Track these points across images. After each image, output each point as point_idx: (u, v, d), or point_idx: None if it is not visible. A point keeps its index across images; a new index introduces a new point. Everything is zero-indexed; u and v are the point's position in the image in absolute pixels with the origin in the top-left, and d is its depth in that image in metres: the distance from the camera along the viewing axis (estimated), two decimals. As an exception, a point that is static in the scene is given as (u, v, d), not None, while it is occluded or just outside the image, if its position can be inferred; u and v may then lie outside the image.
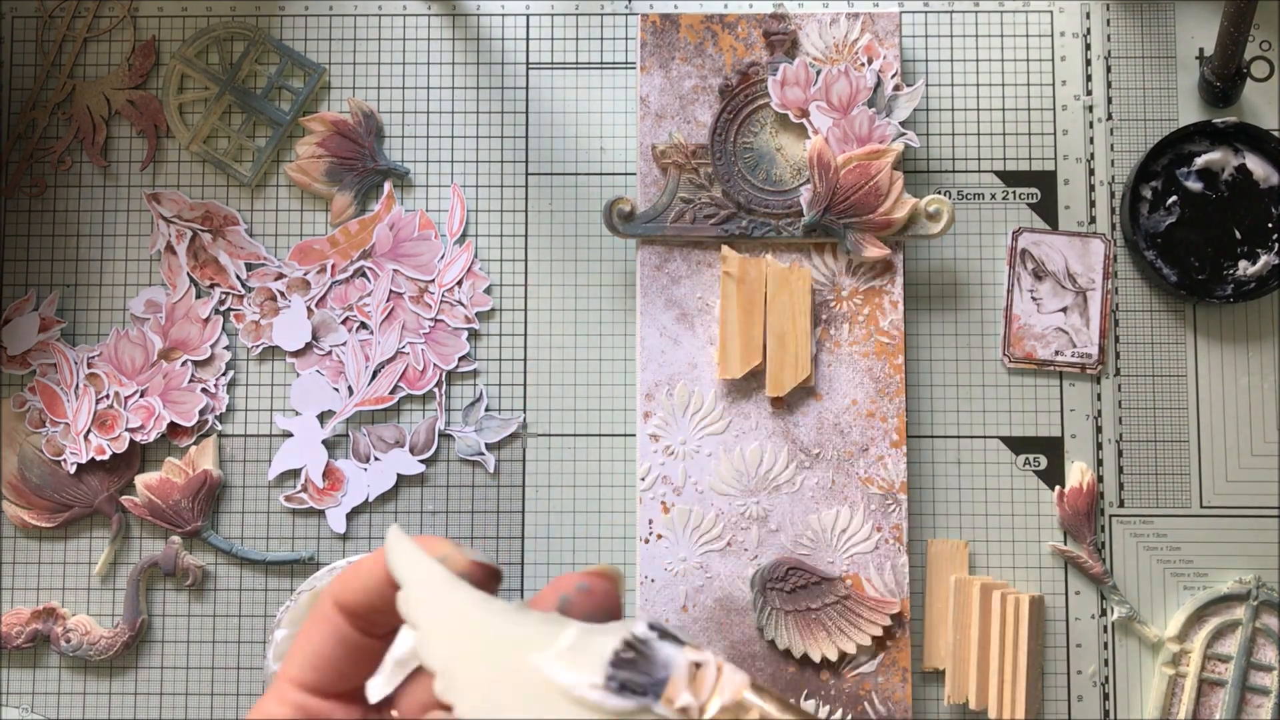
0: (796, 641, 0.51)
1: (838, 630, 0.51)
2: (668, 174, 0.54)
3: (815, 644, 0.51)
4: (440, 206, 0.57)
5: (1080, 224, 0.56)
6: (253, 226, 0.57)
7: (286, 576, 0.56)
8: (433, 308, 0.56)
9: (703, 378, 0.53)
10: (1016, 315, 0.56)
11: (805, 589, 0.51)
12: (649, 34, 0.55)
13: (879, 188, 0.52)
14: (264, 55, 0.58)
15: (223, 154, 0.58)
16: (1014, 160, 0.57)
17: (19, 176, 0.58)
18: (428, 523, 0.56)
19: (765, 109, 0.54)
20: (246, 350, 0.57)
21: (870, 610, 0.51)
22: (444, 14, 0.58)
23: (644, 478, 0.53)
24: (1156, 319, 0.56)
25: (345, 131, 0.57)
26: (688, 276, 0.54)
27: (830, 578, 0.51)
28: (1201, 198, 0.56)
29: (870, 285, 0.53)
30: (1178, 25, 0.58)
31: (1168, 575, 0.55)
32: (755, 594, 0.52)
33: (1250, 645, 0.54)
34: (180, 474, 0.55)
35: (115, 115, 0.58)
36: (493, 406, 0.56)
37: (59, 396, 0.56)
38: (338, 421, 0.56)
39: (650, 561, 0.53)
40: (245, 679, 0.56)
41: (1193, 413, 0.56)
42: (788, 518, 0.53)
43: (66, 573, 0.56)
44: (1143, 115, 0.57)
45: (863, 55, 0.54)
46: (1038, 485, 0.56)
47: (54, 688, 0.56)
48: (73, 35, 0.58)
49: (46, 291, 0.57)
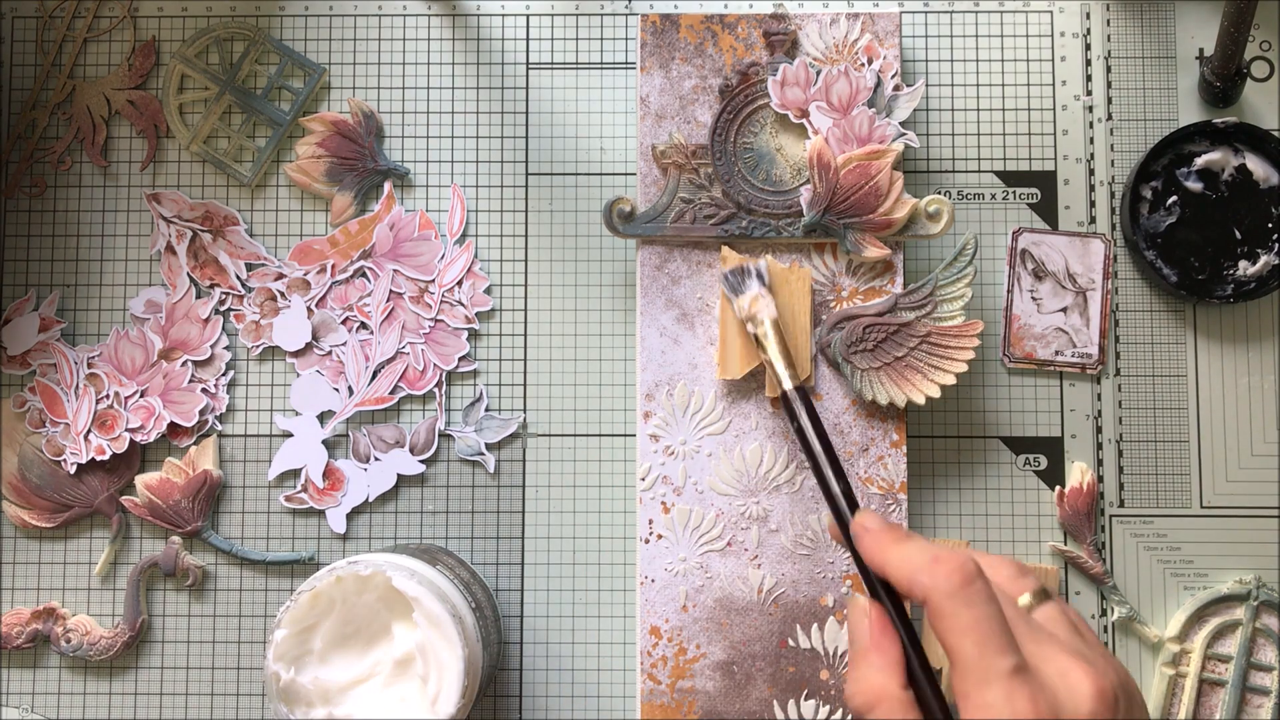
0: (897, 393, 0.52)
1: (930, 368, 0.52)
2: (668, 174, 0.54)
3: (914, 388, 0.52)
4: (440, 206, 0.57)
5: (1080, 224, 0.57)
6: (253, 226, 0.57)
7: (286, 576, 0.56)
8: (433, 308, 0.56)
9: (703, 378, 0.53)
10: (1016, 315, 0.56)
11: (887, 341, 0.52)
12: (649, 34, 0.55)
13: (879, 188, 0.52)
14: (264, 55, 0.58)
15: (223, 154, 0.58)
16: (1014, 160, 0.57)
17: (19, 176, 0.58)
18: (428, 523, 0.56)
19: (765, 109, 0.54)
20: (246, 350, 0.57)
21: (954, 339, 0.52)
22: (444, 14, 0.58)
23: (644, 478, 0.53)
24: (1156, 319, 0.56)
25: (345, 131, 0.57)
26: (688, 276, 0.54)
27: (905, 322, 0.52)
28: (1201, 198, 0.56)
29: (870, 285, 0.53)
30: (1178, 25, 0.58)
31: (1168, 575, 0.55)
32: (843, 362, 0.52)
33: (1250, 645, 0.54)
34: (180, 474, 0.55)
35: (115, 115, 0.58)
36: (493, 406, 0.56)
37: (59, 396, 0.56)
38: (338, 421, 0.56)
39: (650, 561, 0.53)
40: (245, 679, 0.56)
41: (1193, 413, 0.56)
42: (788, 518, 0.53)
43: (66, 573, 0.56)
44: (1143, 115, 0.57)
45: (863, 55, 0.54)
46: (1038, 485, 0.56)
47: (54, 688, 0.56)
48: (73, 35, 0.58)
49: (46, 291, 0.57)
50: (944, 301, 0.53)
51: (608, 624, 0.55)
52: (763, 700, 0.52)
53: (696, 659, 0.52)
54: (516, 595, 0.55)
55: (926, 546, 0.37)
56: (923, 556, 0.37)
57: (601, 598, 0.55)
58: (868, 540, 0.40)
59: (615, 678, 0.55)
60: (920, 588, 0.36)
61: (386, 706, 0.46)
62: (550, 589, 0.55)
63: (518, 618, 0.55)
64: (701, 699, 0.52)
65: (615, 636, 0.55)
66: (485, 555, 0.56)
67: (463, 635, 0.46)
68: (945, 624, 0.35)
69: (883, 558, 0.39)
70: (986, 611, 0.35)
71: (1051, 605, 0.38)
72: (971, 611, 0.35)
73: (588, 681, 0.55)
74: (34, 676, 0.56)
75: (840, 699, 0.52)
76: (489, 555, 0.56)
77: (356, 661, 0.47)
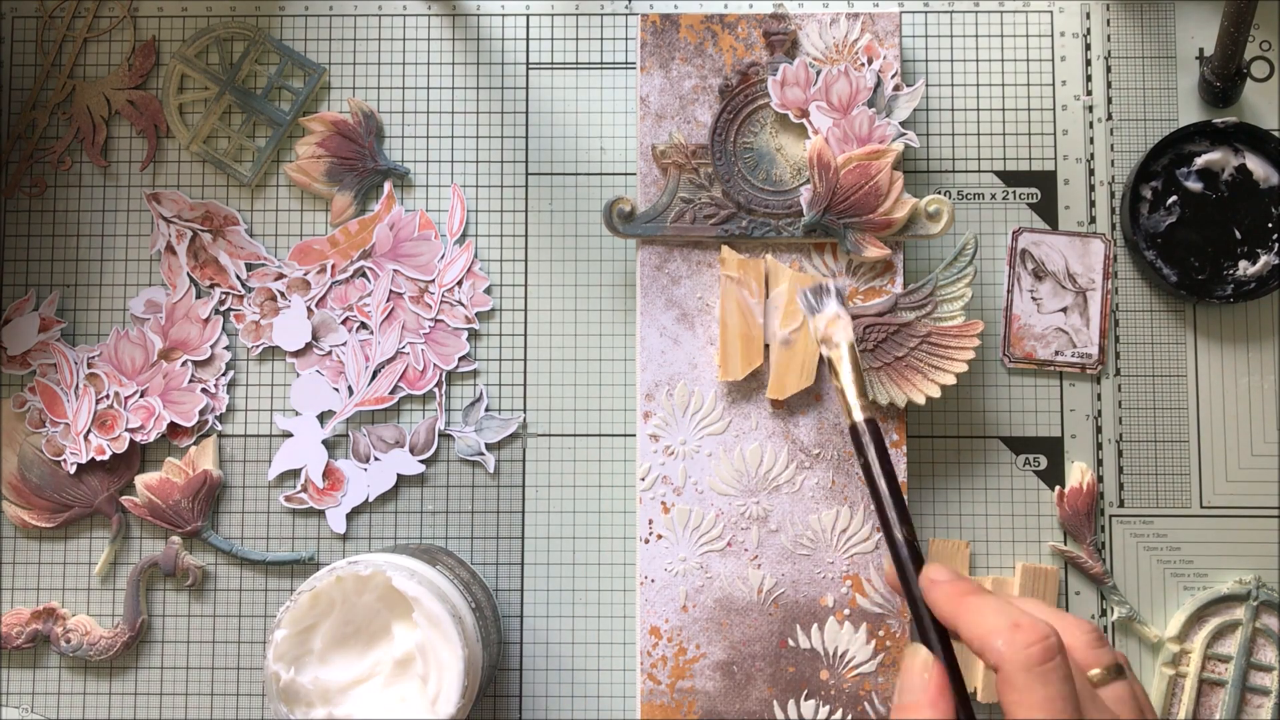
0: (897, 393, 0.52)
1: (930, 368, 0.52)
2: (668, 174, 0.54)
3: (914, 388, 0.52)
4: (440, 206, 0.57)
5: (1080, 224, 0.57)
6: (253, 226, 0.57)
7: (286, 576, 0.56)
8: (433, 308, 0.56)
9: (703, 378, 0.53)
10: (1016, 315, 0.56)
11: (887, 341, 0.52)
12: (649, 34, 0.55)
13: (879, 188, 0.52)
14: (264, 55, 0.58)
15: (223, 154, 0.58)
16: (1014, 160, 0.57)
17: (19, 176, 0.58)
18: (428, 523, 0.56)
19: (765, 109, 0.54)
20: (246, 350, 0.57)
21: (954, 339, 0.52)
22: (444, 14, 0.58)
23: (644, 478, 0.53)
24: (1156, 319, 0.56)
25: (345, 131, 0.57)
26: (688, 276, 0.54)
27: (905, 322, 0.52)
28: (1201, 198, 0.56)
29: (870, 285, 0.53)
30: (1178, 25, 0.58)
31: (1168, 575, 0.55)
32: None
33: (1250, 645, 0.54)
34: (180, 474, 0.55)
35: (115, 115, 0.58)
36: (493, 406, 0.56)
37: (59, 396, 0.56)
38: (338, 422, 0.56)
39: (650, 561, 0.53)
40: (245, 679, 0.56)
41: (1193, 413, 0.56)
42: (788, 518, 0.53)
43: (66, 573, 0.56)
44: (1143, 115, 0.57)
45: (863, 55, 0.54)
46: (1038, 485, 0.56)
47: (54, 688, 0.56)
48: (73, 35, 0.58)
49: (46, 291, 0.57)
50: (944, 301, 0.53)
51: (608, 624, 0.55)
52: (763, 700, 0.52)
53: (696, 659, 0.52)
54: (516, 595, 0.55)
55: (1005, 608, 0.36)
56: (1001, 620, 0.35)
57: (601, 598, 0.55)
58: (938, 593, 0.38)
59: (615, 678, 0.55)
60: (995, 654, 0.35)
61: (386, 706, 0.46)
62: (550, 589, 0.55)
63: (518, 618, 0.55)
64: (701, 699, 0.52)
65: (615, 636, 0.55)
66: (485, 555, 0.56)
67: (463, 635, 0.46)
68: (1015, 697, 0.34)
69: (954, 613, 0.37)
70: (1061, 691, 0.34)
71: (1123, 685, 0.37)
72: (1046, 691, 0.33)
73: (588, 681, 0.55)
74: (34, 676, 0.56)
75: (840, 699, 0.52)
76: (489, 555, 0.56)
77: (356, 661, 0.47)
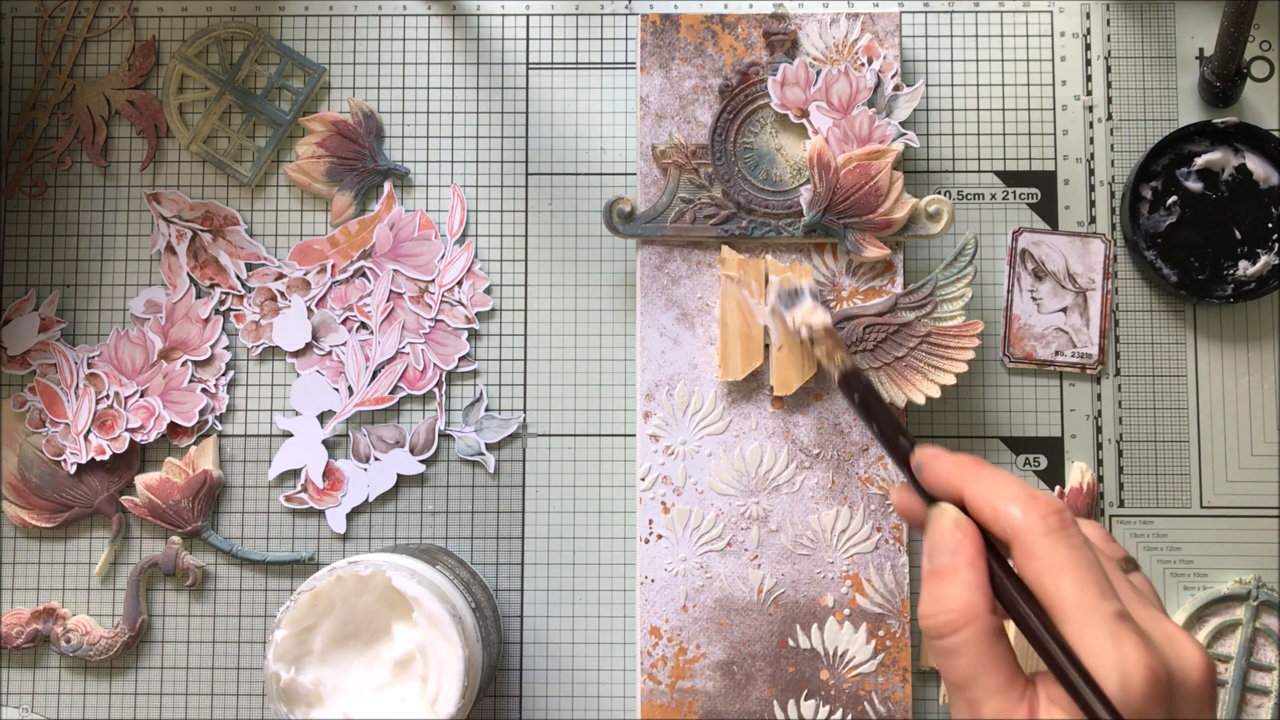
0: (897, 393, 0.52)
1: (930, 368, 0.52)
2: (668, 174, 0.54)
3: (914, 388, 0.52)
4: (440, 206, 0.57)
5: (1080, 224, 0.56)
6: (253, 226, 0.57)
7: (286, 576, 0.56)
8: (433, 308, 0.56)
9: (703, 378, 0.53)
10: (1016, 315, 0.56)
11: (887, 341, 0.52)
12: (649, 34, 0.55)
13: (879, 188, 0.52)
14: (264, 55, 0.58)
15: (223, 154, 0.58)
16: (1014, 160, 0.57)
17: (19, 176, 0.58)
18: (428, 523, 0.56)
19: (765, 109, 0.54)
20: (246, 350, 0.57)
21: (954, 339, 0.52)
22: (444, 14, 0.58)
23: (644, 478, 0.53)
24: (1156, 319, 0.56)
25: (345, 131, 0.57)
26: (688, 276, 0.54)
27: (905, 322, 0.52)
28: (1201, 198, 0.56)
29: (870, 285, 0.53)
30: (1178, 25, 0.58)
31: (1168, 575, 0.55)
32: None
33: (1250, 645, 0.54)
34: (180, 474, 0.55)
35: (115, 115, 0.58)
36: (493, 406, 0.56)
37: (59, 396, 0.56)
38: (338, 422, 0.56)
39: (650, 561, 0.53)
40: (245, 679, 0.56)
41: (1193, 413, 0.56)
42: (788, 518, 0.53)
43: (66, 573, 0.56)
44: (1143, 115, 0.57)
45: (863, 55, 0.54)
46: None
47: (54, 688, 0.56)
48: (73, 35, 0.58)
49: (46, 291, 0.57)
50: (944, 301, 0.53)
51: (608, 624, 0.55)
52: (763, 700, 0.52)
53: (696, 659, 0.52)
54: (516, 595, 0.55)
55: (1017, 480, 0.34)
56: (1017, 489, 0.33)
57: (601, 598, 0.55)
58: (939, 467, 0.36)
59: (615, 678, 0.55)
60: (1010, 522, 0.32)
61: (386, 706, 0.46)
62: (550, 589, 0.55)
63: (518, 618, 0.55)
64: (701, 699, 0.52)
65: (615, 636, 0.55)
66: (485, 555, 0.56)
67: (463, 635, 0.46)
68: (1039, 563, 0.32)
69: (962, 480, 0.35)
70: (1085, 555, 0.32)
71: (1140, 576, 0.35)
72: (1070, 552, 0.31)
73: (588, 681, 0.55)
74: (34, 676, 0.56)
75: (840, 699, 0.52)
76: (489, 555, 0.56)
77: (356, 661, 0.47)
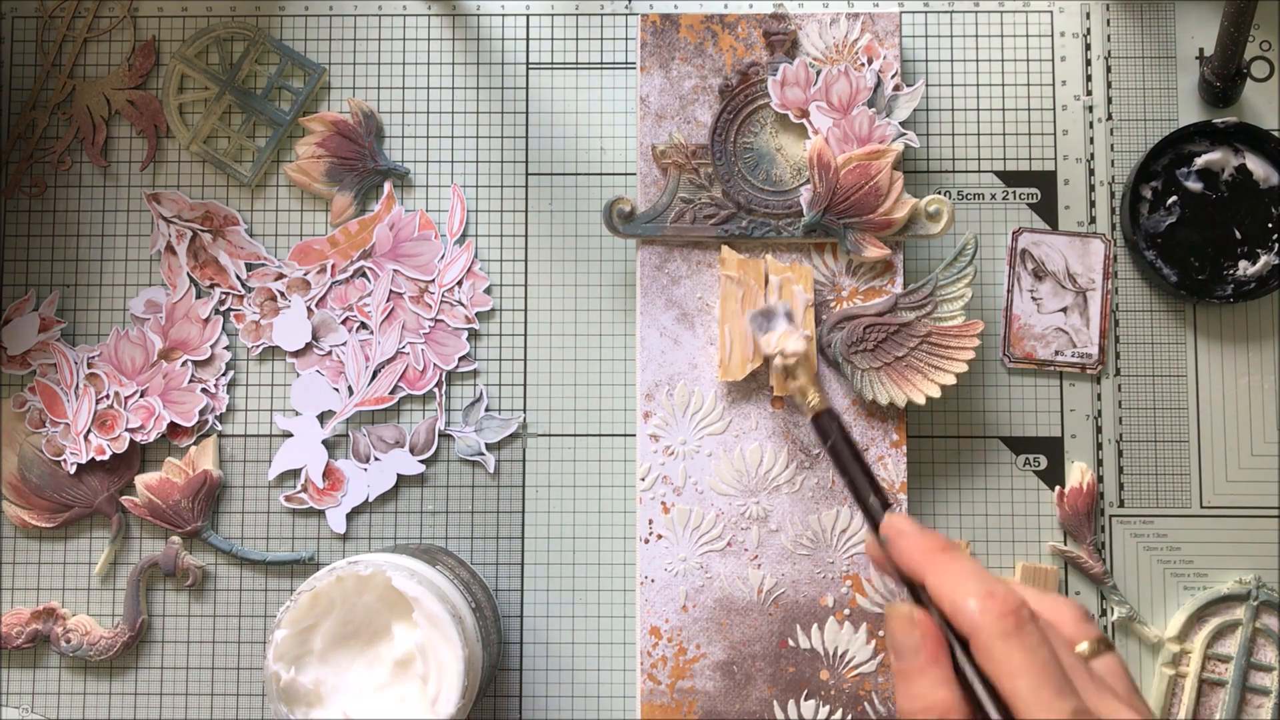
0: (897, 393, 0.52)
1: (930, 368, 0.52)
2: (668, 174, 0.54)
3: (914, 388, 0.52)
4: (440, 206, 0.57)
5: (1080, 224, 0.57)
6: (253, 226, 0.57)
7: (286, 576, 0.56)
8: (433, 308, 0.56)
9: (703, 378, 0.53)
10: (1016, 315, 0.56)
11: (887, 341, 0.52)
12: (649, 34, 0.55)
13: (879, 188, 0.52)
14: (264, 55, 0.58)
15: (223, 154, 0.58)
16: (1014, 160, 0.57)
17: (19, 176, 0.58)
18: (428, 523, 0.56)
19: (765, 109, 0.54)
20: (246, 350, 0.57)
21: (954, 339, 0.52)
22: (444, 14, 0.58)
23: (644, 478, 0.53)
24: (1156, 319, 0.56)
25: (345, 131, 0.57)
26: (688, 276, 0.54)
27: (905, 322, 0.52)
28: (1201, 198, 0.56)
29: (870, 285, 0.53)
30: (1178, 25, 0.58)
31: (1168, 575, 0.55)
32: (843, 362, 0.52)
33: (1250, 645, 0.54)
34: (180, 474, 0.55)
35: (115, 115, 0.58)
36: (493, 406, 0.56)
37: (59, 396, 0.56)
38: (338, 422, 0.56)
39: (650, 561, 0.53)
40: (245, 679, 0.56)
41: (1193, 413, 0.56)
42: (788, 518, 0.53)
43: (66, 573, 0.56)
44: (1143, 115, 0.57)
45: (863, 55, 0.54)
46: (1038, 485, 0.56)
47: (54, 688, 0.56)
48: (73, 35, 0.58)
49: (46, 291, 0.57)
50: (944, 301, 0.53)
51: (608, 624, 0.55)
52: (763, 700, 0.52)
53: (696, 659, 0.52)
54: (516, 595, 0.55)
55: (979, 572, 0.35)
56: (975, 586, 0.35)
57: (601, 598, 0.55)
58: (906, 544, 0.38)
59: (615, 678, 0.55)
60: (969, 622, 0.34)
61: (386, 706, 0.46)
62: (550, 589, 0.55)
63: (518, 618, 0.55)
64: (701, 699, 0.52)
65: (615, 636, 0.55)
66: (485, 555, 0.56)
67: (463, 635, 0.46)
68: (996, 666, 0.33)
69: (923, 568, 0.37)
70: (1041, 655, 0.33)
71: (1113, 657, 0.36)
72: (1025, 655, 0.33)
73: (588, 681, 0.55)
74: (34, 676, 0.56)
75: (840, 699, 0.52)
76: (489, 555, 0.56)
77: (356, 661, 0.47)
